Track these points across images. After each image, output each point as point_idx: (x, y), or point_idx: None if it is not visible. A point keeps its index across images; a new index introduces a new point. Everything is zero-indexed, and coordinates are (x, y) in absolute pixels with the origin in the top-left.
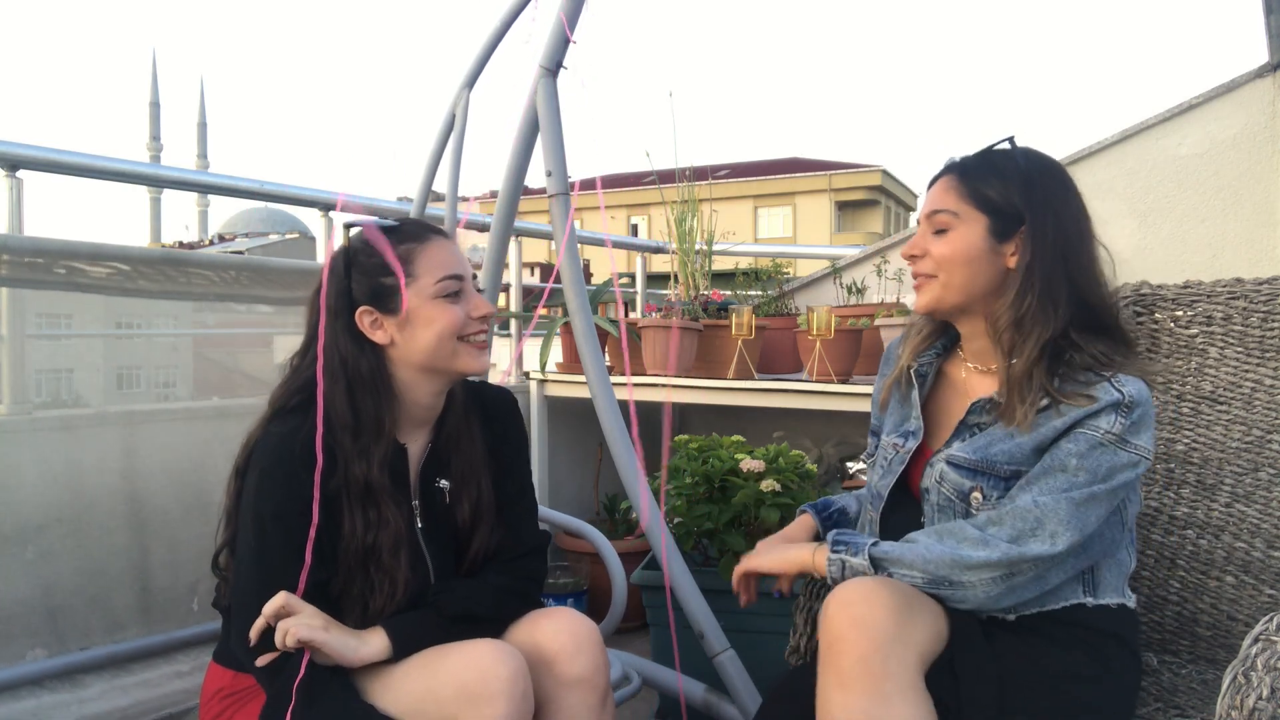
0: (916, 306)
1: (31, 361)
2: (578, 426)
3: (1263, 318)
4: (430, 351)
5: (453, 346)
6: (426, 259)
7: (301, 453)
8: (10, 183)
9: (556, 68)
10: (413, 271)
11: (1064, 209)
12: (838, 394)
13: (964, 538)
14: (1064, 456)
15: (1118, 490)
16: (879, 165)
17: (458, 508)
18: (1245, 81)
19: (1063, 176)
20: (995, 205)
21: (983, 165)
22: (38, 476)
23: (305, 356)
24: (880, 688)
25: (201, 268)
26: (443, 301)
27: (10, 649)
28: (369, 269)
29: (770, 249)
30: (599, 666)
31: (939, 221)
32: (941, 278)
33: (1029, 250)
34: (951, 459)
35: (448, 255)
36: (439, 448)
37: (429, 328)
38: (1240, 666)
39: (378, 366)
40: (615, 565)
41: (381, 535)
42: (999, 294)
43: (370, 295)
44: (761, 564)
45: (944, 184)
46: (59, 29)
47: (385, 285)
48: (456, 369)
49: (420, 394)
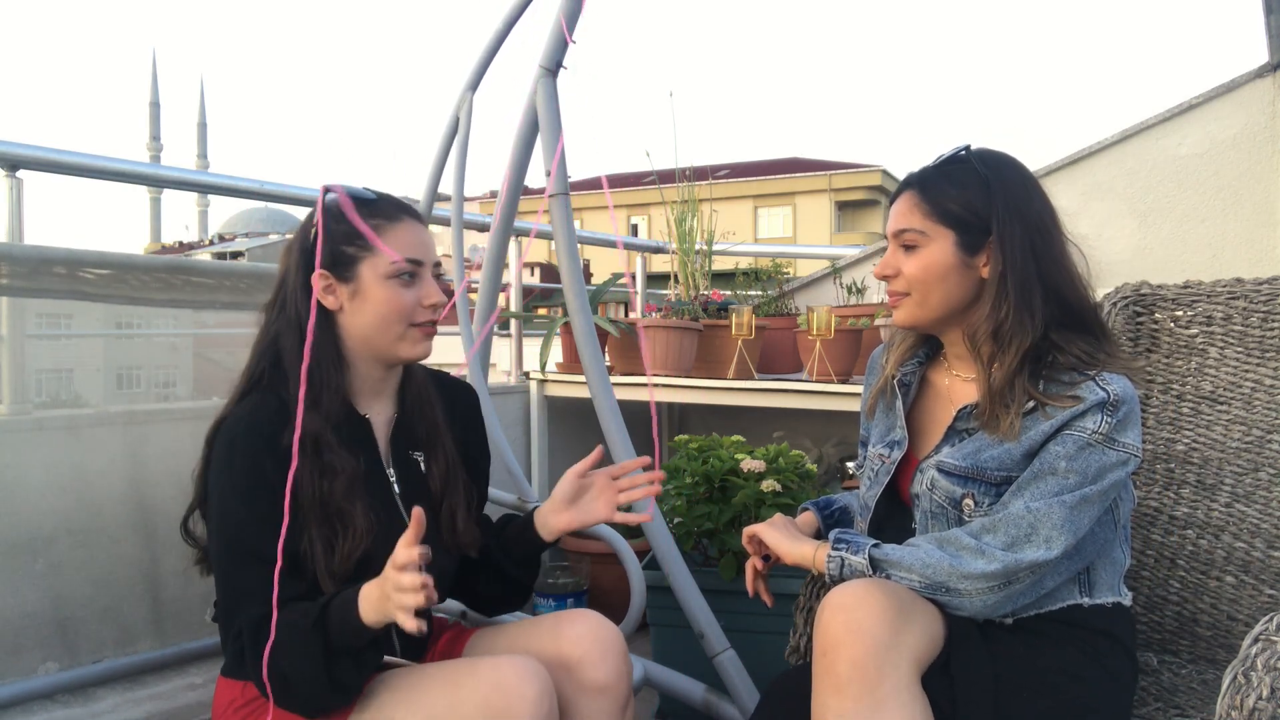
0: (896, 321)
1: (31, 361)
2: (578, 426)
3: (1263, 318)
4: (374, 329)
5: (399, 330)
6: (392, 238)
7: (260, 423)
8: (10, 183)
9: (556, 68)
10: (374, 247)
11: (1028, 209)
12: (838, 394)
13: (961, 546)
14: (1053, 459)
15: (1109, 490)
16: (879, 165)
17: (431, 472)
18: (1245, 81)
19: (1021, 174)
20: (959, 218)
21: (941, 179)
22: (44, 483)
23: (272, 310)
24: (875, 692)
25: (205, 275)
26: (395, 283)
27: (22, 663)
28: (334, 234)
29: (770, 249)
30: (622, 674)
31: (907, 240)
32: (915, 296)
33: (999, 259)
34: (942, 465)
35: (413, 238)
36: (405, 417)
37: (376, 305)
38: (1240, 666)
39: (327, 328)
40: (634, 566)
41: (335, 483)
42: (975, 305)
43: (330, 260)
44: (769, 537)
45: (906, 201)
46: (59, 29)
47: (345, 253)
48: (396, 353)
49: (369, 367)
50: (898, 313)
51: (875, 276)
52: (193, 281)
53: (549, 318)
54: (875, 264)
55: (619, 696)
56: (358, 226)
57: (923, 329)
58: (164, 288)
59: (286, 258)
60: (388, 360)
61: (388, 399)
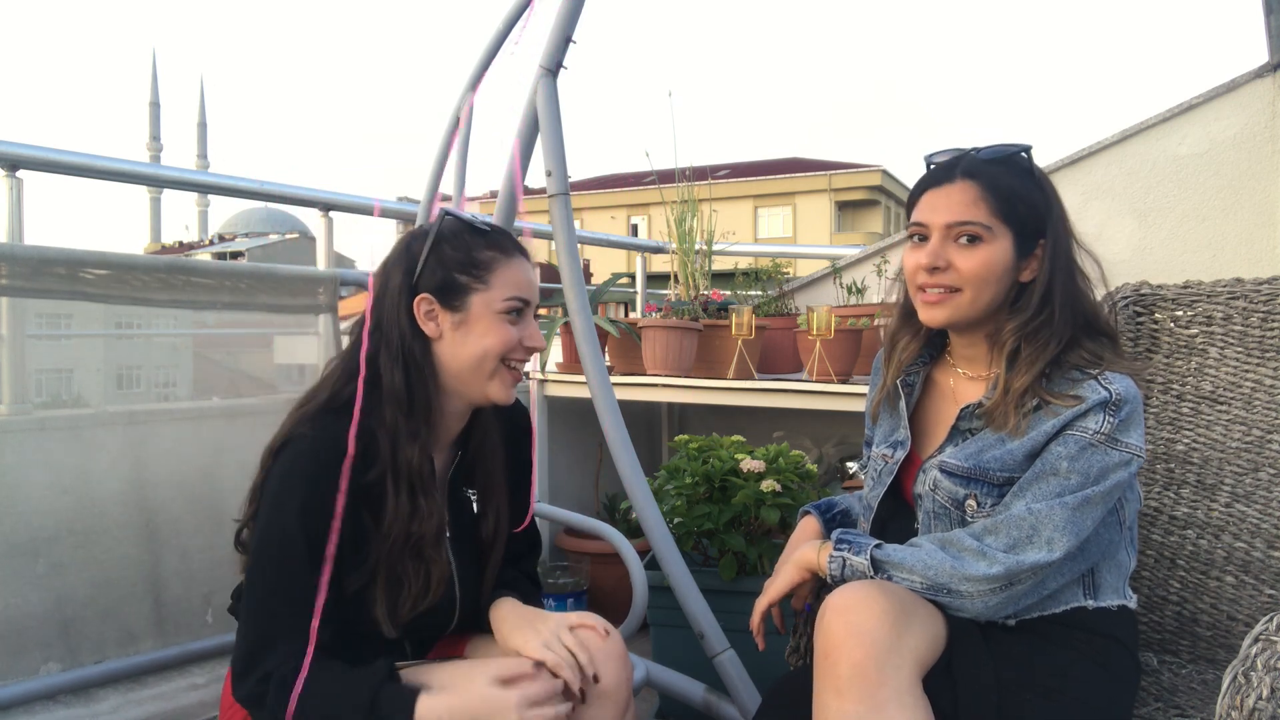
0: (932, 321)
1: (31, 362)
2: (578, 426)
3: (1263, 318)
4: (473, 362)
5: (494, 367)
6: (505, 272)
7: (335, 460)
8: (10, 183)
9: (556, 68)
10: (489, 280)
11: (1065, 218)
12: (838, 394)
13: (963, 548)
14: (1054, 460)
15: (1112, 491)
16: (879, 165)
17: (484, 521)
18: (1245, 81)
19: (1052, 182)
20: (1022, 220)
21: (1004, 175)
22: (45, 484)
23: (363, 330)
24: (876, 695)
25: (206, 276)
26: (504, 319)
27: (23, 663)
28: (446, 260)
29: (770, 249)
30: (622, 680)
31: (969, 232)
32: (969, 294)
33: (1048, 266)
34: (944, 466)
35: (524, 277)
36: (466, 459)
37: (482, 338)
38: (1240, 666)
39: (428, 353)
40: (636, 566)
41: (427, 524)
42: (1008, 308)
43: (438, 285)
44: (777, 587)
45: (968, 192)
46: (59, 29)
47: (457, 281)
48: (487, 391)
49: (449, 402)
50: (939, 310)
51: (919, 267)
52: (193, 281)
53: (549, 317)
54: (875, 264)
55: (619, 702)
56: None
57: (957, 328)
58: (164, 288)
59: (384, 277)
60: (473, 399)
61: (451, 440)
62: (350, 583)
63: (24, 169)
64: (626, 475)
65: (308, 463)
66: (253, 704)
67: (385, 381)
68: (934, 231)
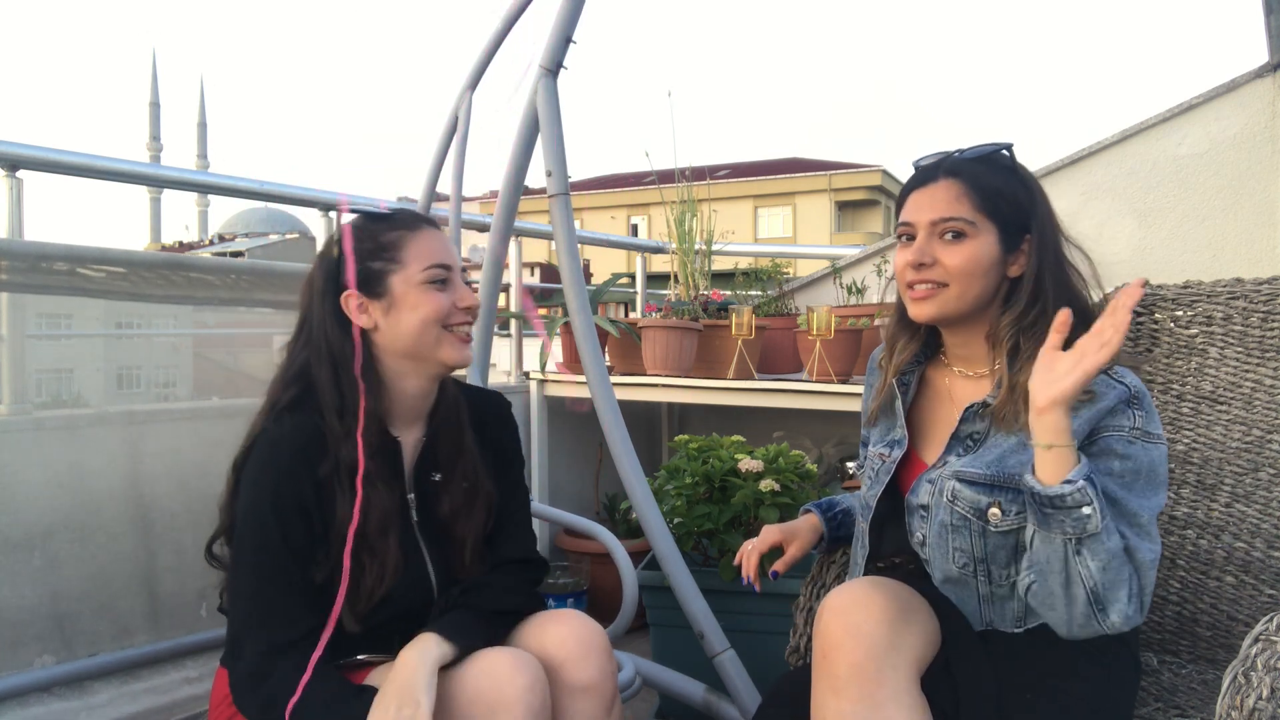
0: (920, 316)
1: (31, 361)
2: (578, 426)
3: (1263, 318)
4: (414, 337)
5: (436, 334)
6: (416, 246)
7: (300, 447)
8: (10, 183)
9: (556, 68)
10: (401, 258)
11: (1051, 213)
12: (838, 394)
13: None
14: (1106, 464)
15: (1164, 480)
16: (879, 165)
17: (441, 499)
18: (1245, 81)
19: (1036, 179)
20: (1005, 215)
21: (986, 172)
22: (42, 481)
23: (298, 341)
24: (874, 695)
25: (205, 272)
26: (429, 288)
27: (18, 656)
28: (358, 253)
29: (770, 249)
30: (606, 673)
31: (953, 228)
32: (955, 289)
33: (1035, 260)
34: (962, 475)
35: (437, 245)
36: (432, 441)
37: (413, 313)
38: (1240, 666)
39: (363, 351)
40: (627, 567)
41: (370, 516)
42: (999, 303)
43: (360, 280)
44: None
45: (950, 189)
46: (59, 29)
47: (372, 269)
48: (439, 358)
49: (407, 384)
50: (927, 305)
51: (907, 264)
52: (192, 278)
53: (549, 317)
54: (875, 264)
55: (604, 696)
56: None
57: (946, 323)
58: (164, 284)
59: (308, 290)
60: (431, 369)
61: (420, 420)
62: (316, 575)
63: (24, 169)
64: (626, 475)
65: (278, 459)
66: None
67: (320, 389)
68: (920, 230)
